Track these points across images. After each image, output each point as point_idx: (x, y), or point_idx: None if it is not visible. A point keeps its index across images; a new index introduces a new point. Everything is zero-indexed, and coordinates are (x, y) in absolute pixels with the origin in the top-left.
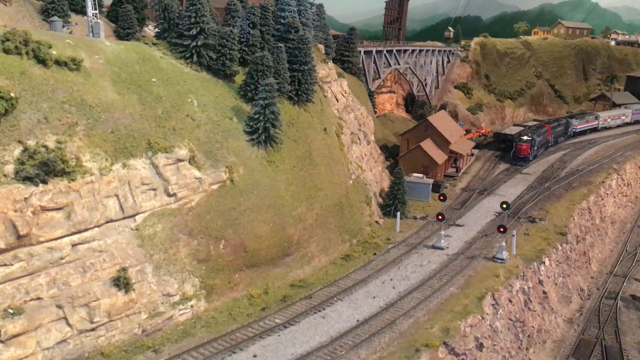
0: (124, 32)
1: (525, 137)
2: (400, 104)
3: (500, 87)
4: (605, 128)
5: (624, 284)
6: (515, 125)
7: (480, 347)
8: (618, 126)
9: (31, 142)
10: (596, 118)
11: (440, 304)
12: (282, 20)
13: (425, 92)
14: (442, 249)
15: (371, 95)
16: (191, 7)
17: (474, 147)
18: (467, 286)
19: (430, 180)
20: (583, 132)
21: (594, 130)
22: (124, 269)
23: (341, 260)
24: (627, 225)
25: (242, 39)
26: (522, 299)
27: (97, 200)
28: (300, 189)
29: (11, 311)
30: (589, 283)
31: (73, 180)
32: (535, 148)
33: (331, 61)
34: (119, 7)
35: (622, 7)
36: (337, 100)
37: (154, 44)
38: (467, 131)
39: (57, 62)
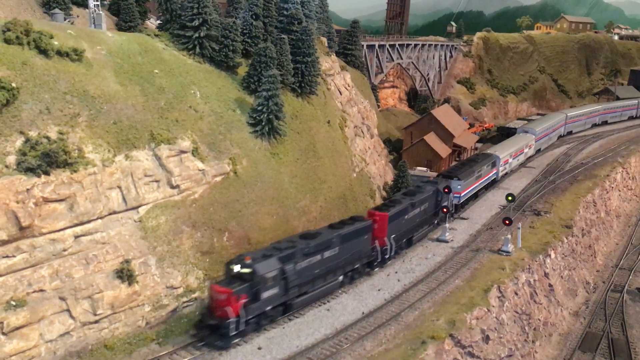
0: (125, 25)
1: (239, 268)
2: (402, 99)
3: (503, 81)
4: (507, 174)
5: (630, 277)
6: (518, 119)
7: (486, 339)
8: (521, 164)
9: (33, 133)
10: (494, 164)
11: (446, 297)
12: (285, 12)
13: (428, 87)
14: (446, 241)
15: (374, 89)
16: None
17: (477, 141)
18: (472, 279)
19: (434, 174)
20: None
21: (493, 182)
22: (127, 261)
23: None
24: (633, 219)
25: (244, 31)
26: (528, 292)
27: (100, 191)
28: (304, 181)
29: (14, 303)
30: (594, 276)
31: (75, 171)
32: (264, 299)
33: (334, 54)
34: (121, 0)
35: (624, 2)
36: (341, 93)
37: (156, 35)
38: (471, 125)
39: (59, 53)
